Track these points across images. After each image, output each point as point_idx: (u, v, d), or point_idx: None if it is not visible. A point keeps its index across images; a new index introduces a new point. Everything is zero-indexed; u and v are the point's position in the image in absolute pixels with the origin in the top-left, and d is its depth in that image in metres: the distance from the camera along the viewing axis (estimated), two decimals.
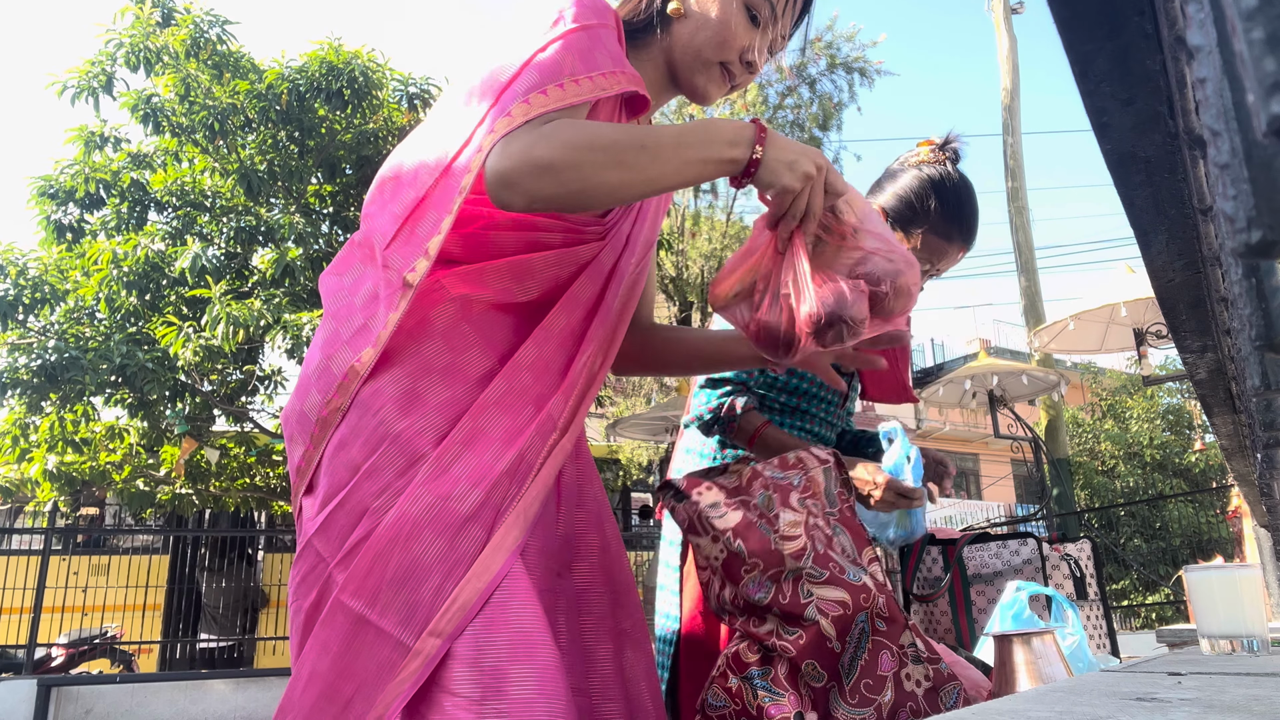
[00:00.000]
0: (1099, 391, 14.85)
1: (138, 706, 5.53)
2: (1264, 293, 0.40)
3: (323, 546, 0.95)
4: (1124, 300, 6.59)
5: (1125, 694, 0.71)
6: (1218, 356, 1.14)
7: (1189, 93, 0.54)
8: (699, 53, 1.15)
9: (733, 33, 1.14)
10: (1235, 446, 1.64)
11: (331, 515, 0.95)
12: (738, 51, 1.15)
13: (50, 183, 6.81)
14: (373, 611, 0.90)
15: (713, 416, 1.59)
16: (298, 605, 0.98)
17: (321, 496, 0.97)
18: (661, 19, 1.17)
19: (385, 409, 0.97)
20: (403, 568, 0.90)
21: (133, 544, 9.59)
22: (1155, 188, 0.71)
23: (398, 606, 0.90)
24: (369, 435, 0.96)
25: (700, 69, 1.17)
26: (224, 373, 7.12)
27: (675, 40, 1.17)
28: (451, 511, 0.92)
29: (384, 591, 0.91)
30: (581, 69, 0.98)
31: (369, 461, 0.95)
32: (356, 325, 1.00)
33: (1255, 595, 1.15)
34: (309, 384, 1.04)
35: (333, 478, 0.97)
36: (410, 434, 0.96)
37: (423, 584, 0.90)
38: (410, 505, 0.92)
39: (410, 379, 0.98)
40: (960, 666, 1.19)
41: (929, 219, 1.64)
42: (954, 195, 1.64)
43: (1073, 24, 0.52)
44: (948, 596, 1.91)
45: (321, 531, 0.96)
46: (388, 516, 0.92)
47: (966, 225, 1.66)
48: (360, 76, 6.89)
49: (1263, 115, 0.23)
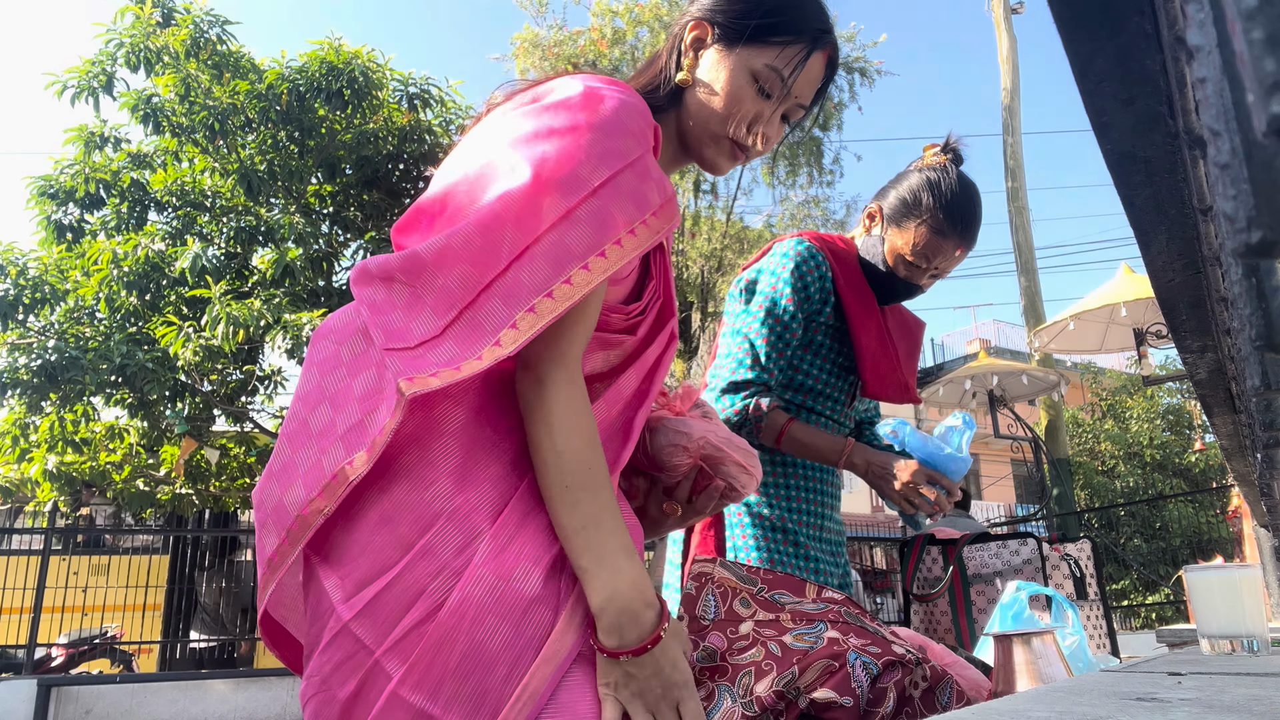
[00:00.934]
0: (1099, 391, 14.85)
1: (138, 706, 5.53)
2: (1264, 293, 0.40)
3: (365, 632, 0.87)
4: (1124, 300, 6.60)
5: (1125, 694, 0.71)
6: (1218, 356, 1.14)
7: (1189, 93, 0.54)
8: (707, 126, 1.12)
9: (740, 106, 1.10)
10: (1235, 446, 1.64)
11: (379, 597, 0.87)
12: (746, 124, 1.11)
13: (50, 183, 6.82)
14: (436, 706, 0.84)
15: (740, 419, 1.60)
16: (328, 695, 0.89)
17: (359, 577, 0.88)
18: (674, 90, 1.14)
19: (440, 482, 0.90)
20: (468, 657, 0.85)
21: (133, 544, 9.59)
22: (1155, 188, 0.71)
23: (463, 699, 0.85)
24: (422, 511, 0.89)
25: (709, 142, 1.13)
26: (224, 373, 7.12)
27: (686, 110, 1.13)
28: (516, 593, 0.87)
29: (448, 683, 0.85)
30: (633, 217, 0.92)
31: (423, 540, 0.87)
32: (353, 419, 0.91)
33: (1255, 595, 1.15)
34: (294, 473, 0.93)
35: (376, 556, 0.88)
36: (467, 509, 0.89)
37: (490, 673, 0.85)
38: (473, 588, 0.86)
39: (463, 451, 0.92)
40: (960, 667, 1.19)
41: (923, 214, 1.65)
42: (950, 192, 1.65)
43: (1073, 24, 0.52)
44: (948, 596, 1.91)
45: (364, 615, 0.87)
46: (449, 601, 0.85)
47: (963, 223, 1.66)
48: (360, 76, 6.89)
49: (1263, 115, 0.23)
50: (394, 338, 0.89)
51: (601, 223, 0.89)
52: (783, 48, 1.11)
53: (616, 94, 0.98)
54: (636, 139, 0.96)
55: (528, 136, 0.93)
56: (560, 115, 0.94)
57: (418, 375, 0.85)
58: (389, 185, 7.60)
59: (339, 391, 0.94)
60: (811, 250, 1.69)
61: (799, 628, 1.04)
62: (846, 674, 0.97)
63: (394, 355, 0.88)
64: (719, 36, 1.12)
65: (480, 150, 0.97)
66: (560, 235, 0.88)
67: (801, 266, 1.67)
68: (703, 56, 1.13)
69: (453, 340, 0.87)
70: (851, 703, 0.95)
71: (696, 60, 1.13)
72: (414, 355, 0.87)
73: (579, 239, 0.88)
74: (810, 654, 0.99)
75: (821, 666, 0.98)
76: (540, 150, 0.91)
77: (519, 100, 1.01)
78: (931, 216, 1.65)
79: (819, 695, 0.96)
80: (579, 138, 0.91)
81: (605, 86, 0.99)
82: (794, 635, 1.03)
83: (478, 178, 0.94)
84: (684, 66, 1.13)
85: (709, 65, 1.12)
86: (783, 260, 1.69)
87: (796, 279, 1.66)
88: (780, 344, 1.65)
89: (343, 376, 0.95)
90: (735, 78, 1.10)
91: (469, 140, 1.02)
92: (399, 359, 0.87)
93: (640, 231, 0.92)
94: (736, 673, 1.01)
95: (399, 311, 0.90)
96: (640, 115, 0.98)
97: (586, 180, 0.89)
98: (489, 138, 0.98)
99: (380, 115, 7.35)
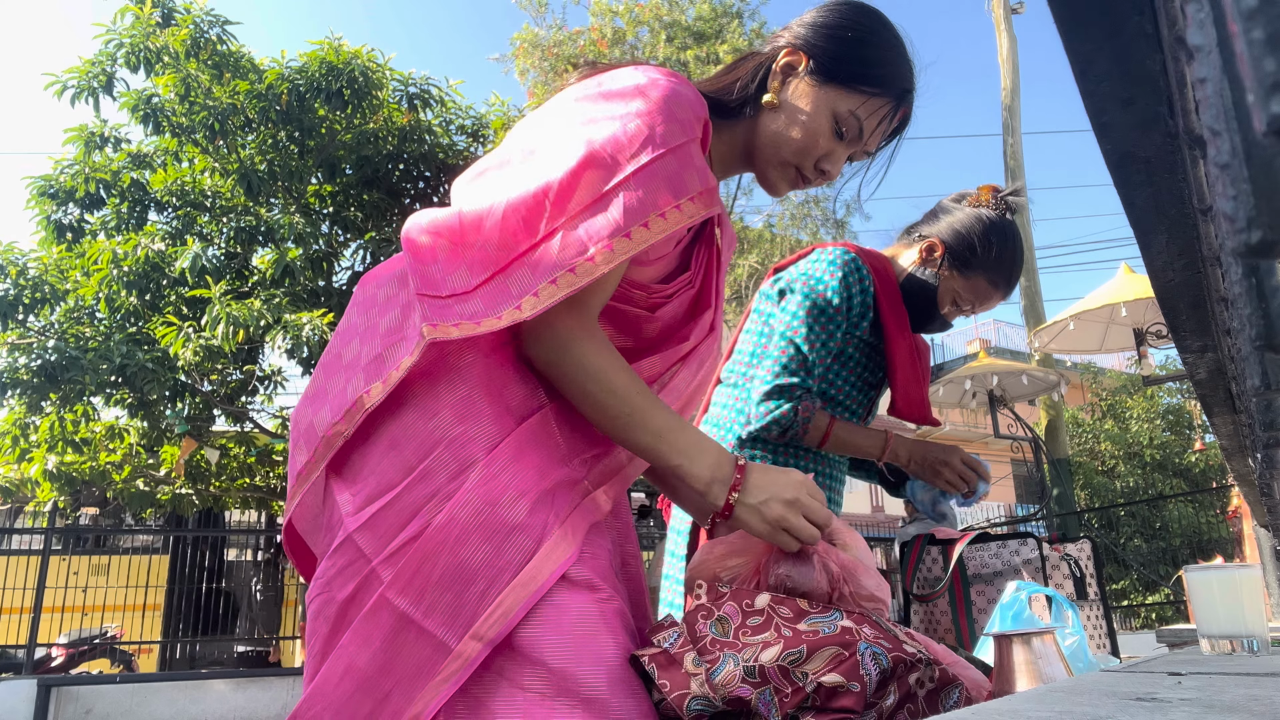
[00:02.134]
0: (1099, 391, 14.84)
1: (138, 706, 5.53)
2: (1264, 293, 0.40)
3: (366, 543, 0.96)
4: (1124, 300, 6.60)
5: (1125, 694, 0.71)
6: (1218, 356, 1.14)
7: (1189, 93, 0.54)
8: (779, 151, 1.17)
9: (816, 142, 1.15)
10: (1235, 446, 1.65)
11: (380, 513, 0.96)
12: (815, 159, 1.16)
13: (50, 183, 6.81)
14: (417, 611, 0.92)
15: (788, 423, 1.62)
16: (329, 596, 0.98)
17: (367, 493, 0.98)
18: (754, 104, 1.17)
19: (442, 413, 0.98)
20: (450, 570, 0.92)
21: (133, 544, 9.59)
22: (1155, 188, 0.71)
23: (442, 608, 0.92)
24: (425, 438, 0.97)
25: (777, 165, 1.18)
26: (224, 373, 7.12)
27: (761, 129, 1.17)
28: (500, 518, 0.94)
29: (430, 592, 0.92)
30: (670, 199, 0.97)
31: (423, 464, 0.96)
32: (375, 352, 1.01)
33: (1255, 595, 1.15)
34: (323, 397, 1.05)
35: (382, 476, 0.98)
36: (465, 439, 0.97)
37: (468, 588, 0.92)
38: (460, 509, 0.94)
39: (467, 387, 1.00)
40: (960, 667, 1.19)
41: (986, 265, 1.71)
42: (1014, 250, 1.72)
43: (1073, 24, 0.52)
44: (948, 596, 1.91)
45: (366, 528, 0.96)
46: (438, 519, 0.93)
47: (1015, 280, 1.74)
48: (360, 76, 6.89)
49: (1263, 115, 0.23)
50: (428, 285, 0.97)
51: (633, 205, 0.95)
52: (869, 98, 1.15)
53: (669, 83, 1.04)
54: (684, 127, 1.01)
55: (581, 119, 1.01)
56: (613, 102, 1.02)
57: (441, 324, 0.93)
58: (389, 185, 7.59)
59: (368, 327, 1.04)
60: (858, 263, 1.70)
61: (813, 614, 1.04)
62: (855, 662, 0.97)
63: (425, 300, 0.96)
64: (811, 70, 1.16)
65: (541, 125, 1.05)
66: (592, 214, 0.94)
67: (849, 276, 1.67)
68: (790, 84, 1.17)
69: (480, 298, 0.95)
70: (859, 688, 0.95)
71: (783, 85, 1.17)
72: (443, 304, 0.95)
73: (608, 219, 0.94)
74: (821, 637, 0.99)
75: (830, 654, 0.98)
76: (588, 133, 0.98)
77: (584, 85, 1.07)
78: (994, 270, 1.71)
79: (826, 679, 0.95)
80: (626, 123, 0.98)
81: (662, 77, 1.05)
82: (808, 621, 1.03)
83: (532, 151, 1.02)
84: (770, 88, 1.16)
85: (795, 94, 1.16)
86: (829, 267, 1.69)
87: (844, 288, 1.67)
88: (823, 350, 1.66)
89: (374, 315, 1.05)
90: (818, 114, 1.14)
91: (536, 114, 1.10)
92: (428, 305, 0.95)
93: (672, 215, 0.97)
94: (745, 646, 1.01)
95: (438, 265, 0.98)
96: (689, 106, 1.04)
97: (625, 164, 0.96)
98: (551, 115, 1.06)
99: (380, 115, 7.34)
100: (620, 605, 1.01)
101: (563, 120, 1.03)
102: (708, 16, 11.45)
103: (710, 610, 1.07)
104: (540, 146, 1.02)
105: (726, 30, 11.40)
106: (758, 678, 0.97)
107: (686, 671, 0.96)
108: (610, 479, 1.10)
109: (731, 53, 11.18)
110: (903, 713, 1.04)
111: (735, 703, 0.96)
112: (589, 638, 0.94)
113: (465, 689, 0.92)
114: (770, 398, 1.62)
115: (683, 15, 11.56)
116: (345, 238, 7.59)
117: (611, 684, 0.93)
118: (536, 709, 0.89)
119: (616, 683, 0.93)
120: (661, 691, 0.95)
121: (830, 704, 0.96)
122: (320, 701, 0.94)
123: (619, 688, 0.93)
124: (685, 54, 11.33)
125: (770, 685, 0.97)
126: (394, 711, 0.92)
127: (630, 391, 1.00)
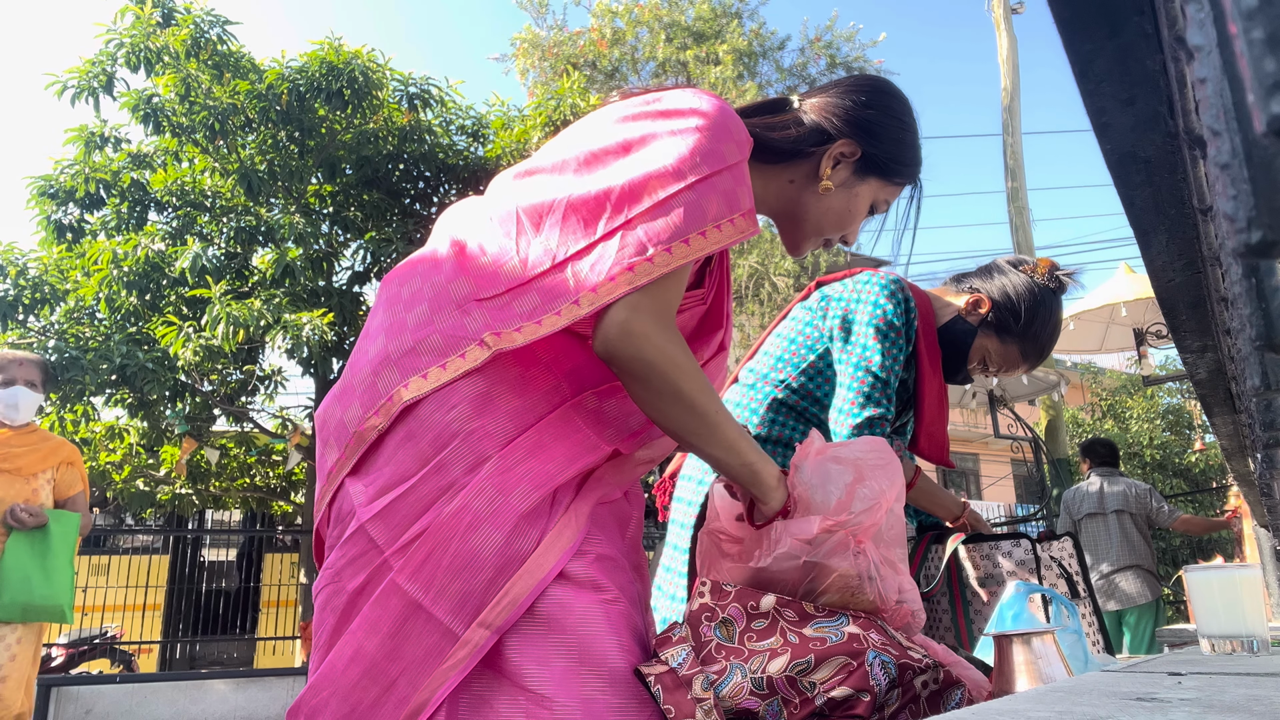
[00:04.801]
0: (1099, 391, 14.84)
1: (138, 706, 5.53)
2: (1264, 293, 0.40)
3: (378, 533, 0.97)
4: (1124, 300, 6.59)
5: (1125, 694, 0.71)
6: (1218, 356, 1.14)
7: (1189, 93, 0.54)
8: (820, 225, 1.25)
9: (855, 223, 1.26)
10: (1235, 446, 1.65)
11: (393, 504, 0.97)
12: (846, 232, 1.27)
13: (50, 183, 6.82)
14: (426, 597, 0.93)
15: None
16: (338, 586, 0.99)
17: (381, 484, 0.99)
18: (794, 169, 1.22)
19: (460, 406, 0.99)
20: (459, 558, 0.94)
21: (133, 544, 9.59)
22: (1155, 188, 0.71)
23: (450, 595, 0.93)
24: (441, 430, 0.98)
25: (813, 235, 1.26)
26: (224, 373, 7.12)
27: (807, 202, 1.23)
28: (511, 508, 0.95)
29: (439, 579, 0.93)
30: (725, 212, 1.01)
31: (438, 457, 0.97)
32: (405, 346, 1.02)
33: (1255, 595, 1.15)
34: (353, 393, 1.05)
35: (398, 467, 0.98)
36: (481, 434, 0.98)
37: (476, 575, 0.93)
38: (474, 498, 0.95)
39: (486, 382, 1.00)
40: (960, 667, 1.19)
41: (1025, 335, 1.73)
42: (1053, 325, 1.75)
43: (1073, 24, 0.52)
44: (948, 596, 1.91)
45: (380, 519, 0.97)
46: (449, 507, 0.95)
47: (1045, 355, 1.77)
48: (360, 76, 6.89)
49: (1263, 115, 0.23)
50: (484, 285, 1.01)
51: (692, 213, 0.98)
52: (898, 185, 1.28)
53: (723, 105, 1.09)
54: (739, 146, 1.06)
55: (639, 131, 1.04)
56: (671, 119, 1.05)
57: (505, 330, 0.97)
58: (389, 185, 7.59)
59: (394, 324, 1.06)
60: (908, 293, 1.70)
61: (820, 618, 1.03)
62: (865, 672, 0.96)
63: (482, 306, 0.99)
64: (861, 161, 1.23)
65: (593, 134, 1.08)
66: (652, 218, 0.97)
67: (908, 304, 1.69)
68: (841, 169, 1.23)
69: (537, 292, 0.98)
70: (870, 697, 0.95)
71: (834, 170, 1.24)
72: (500, 305, 0.99)
73: (669, 224, 0.97)
74: (828, 646, 0.99)
75: (839, 664, 0.98)
76: (649, 144, 1.02)
77: (634, 101, 1.11)
78: (1030, 341, 1.74)
79: (837, 693, 0.95)
80: (687, 138, 1.02)
81: (711, 98, 1.10)
82: (814, 626, 1.02)
83: (590, 156, 1.04)
84: (823, 174, 1.22)
85: (844, 180, 1.23)
86: (883, 291, 1.68)
87: (903, 313, 1.67)
88: (895, 379, 1.66)
89: (399, 311, 1.06)
90: (861, 203, 1.25)
91: (585, 123, 1.12)
92: (486, 311, 0.99)
93: (725, 229, 1.01)
94: (751, 655, 1.00)
95: (491, 258, 1.02)
96: (741, 129, 1.08)
97: (688, 174, 0.99)
98: (606, 124, 1.08)
99: (380, 115, 7.34)
100: (625, 607, 1.01)
101: (621, 130, 1.06)
102: (707, 17, 11.45)
103: (714, 611, 1.07)
104: (600, 152, 1.04)
105: (726, 30, 11.40)
106: (765, 689, 0.96)
107: (694, 698, 0.95)
108: (645, 467, 1.12)
109: (731, 53, 11.19)
110: (905, 713, 1.04)
111: (743, 715, 0.96)
112: (592, 639, 0.95)
113: (468, 685, 0.93)
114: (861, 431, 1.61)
115: (682, 16, 11.56)
116: (345, 238, 7.59)
117: (613, 686, 0.93)
118: (538, 708, 0.90)
119: (618, 685, 0.94)
120: (667, 717, 0.95)
121: (839, 713, 0.96)
122: (328, 687, 0.95)
123: (620, 690, 0.94)
124: (685, 54, 11.33)
125: (778, 696, 0.97)
126: (400, 699, 0.92)
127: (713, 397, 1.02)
